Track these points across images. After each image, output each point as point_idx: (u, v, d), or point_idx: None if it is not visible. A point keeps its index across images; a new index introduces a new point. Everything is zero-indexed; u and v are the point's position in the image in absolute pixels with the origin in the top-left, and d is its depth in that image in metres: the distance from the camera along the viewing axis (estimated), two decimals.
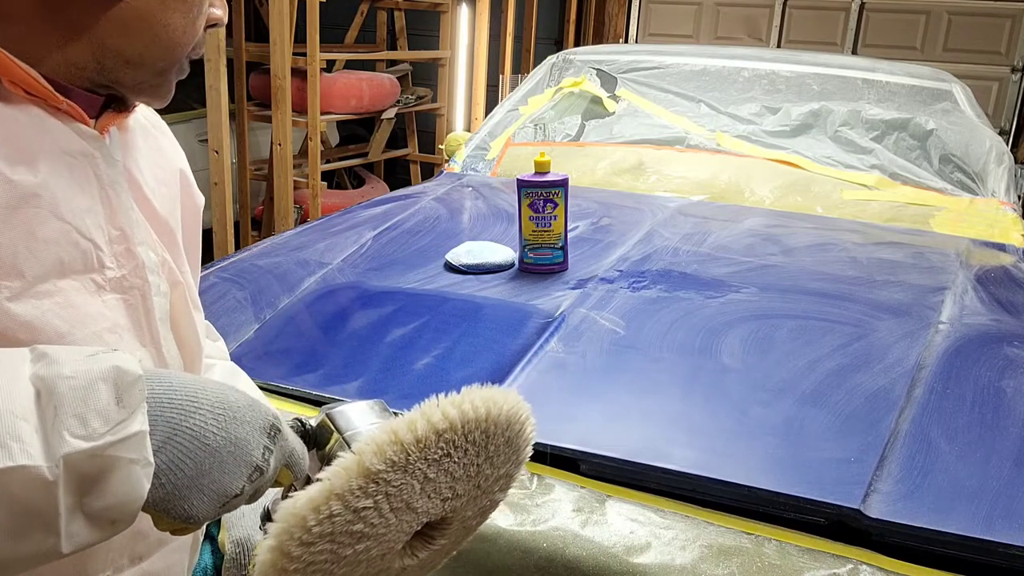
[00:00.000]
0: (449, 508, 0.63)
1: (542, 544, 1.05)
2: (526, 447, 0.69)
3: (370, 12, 4.91)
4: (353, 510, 0.56)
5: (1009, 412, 1.24)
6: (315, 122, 3.61)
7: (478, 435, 0.62)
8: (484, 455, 0.63)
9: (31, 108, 0.62)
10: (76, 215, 0.63)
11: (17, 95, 0.61)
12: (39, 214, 0.60)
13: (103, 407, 0.49)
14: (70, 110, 0.64)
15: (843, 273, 1.77)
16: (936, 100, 2.57)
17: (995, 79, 4.82)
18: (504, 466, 0.66)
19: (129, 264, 0.68)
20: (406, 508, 0.59)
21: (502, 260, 1.76)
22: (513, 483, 0.71)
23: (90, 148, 0.66)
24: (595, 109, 2.77)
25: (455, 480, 0.62)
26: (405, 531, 0.61)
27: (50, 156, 0.62)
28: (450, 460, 0.60)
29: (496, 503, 0.71)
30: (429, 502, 0.61)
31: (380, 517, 0.58)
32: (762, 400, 1.26)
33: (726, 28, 5.31)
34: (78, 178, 0.64)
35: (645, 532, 1.05)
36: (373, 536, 0.59)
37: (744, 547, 1.02)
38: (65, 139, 0.64)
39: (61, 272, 0.61)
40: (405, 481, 0.58)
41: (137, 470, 0.50)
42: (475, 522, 0.70)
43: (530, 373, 1.33)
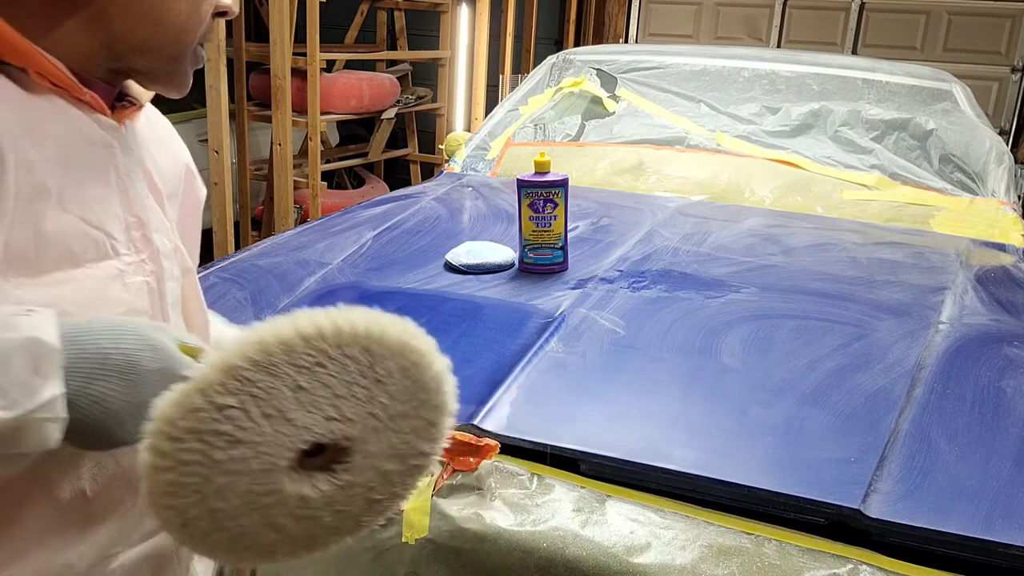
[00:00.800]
0: (340, 432, 0.61)
1: (542, 544, 1.05)
2: (436, 386, 0.66)
3: (370, 12, 4.91)
4: (216, 406, 0.56)
5: (1009, 412, 1.24)
6: (315, 122, 3.61)
7: (357, 352, 0.60)
8: (371, 377, 0.61)
9: (55, 99, 0.65)
10: (85, 206, 0.65)
11: (43, 86, 0.64)
12: (46, 208, 0.62)
13: (20, 378, 0.54)
14: (92, 101, 0.67)
15: (843, 273, 1.77)
16: (936, 100, 2.57)
17: (995, 79, 4.82)
18: (407, 401, 0.64)
19: (146, 250, 0.71)
20: (280, 417, 0.58)
21: (502, 260, 1.76)
22: (440, 436, 0.68)
23: (109, 138, 0.69)
24: (595, 109, 2.77)
25: (338, 398, 0.60)
26: (287, 446, 0.59)
27: (69, 146, 0.64)
28: (324, 372, 0.59)
29: (421, 455, 0.67)
30: (308, 416, 0.59)
31: (250, 421, 0.57)
32: (762, 400, 1.26)
33: (726, 28, 5.31)
34: (96, 168, 0.67)
35: (645, 532, 1.05)
36: (247, 443, 0.58)
37: (744, 547, 1.02)
38: (87, 129, 0.67)
39: (74, 262, 0.64)
40: (272, 384, 0.57)
41: (49, 425, 0.56)
42: (393, 470, 0.66)
43: (530, 373, 1.33)
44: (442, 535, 1.09)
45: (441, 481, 1.13)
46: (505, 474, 1.14)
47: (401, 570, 1.11)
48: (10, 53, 0.62)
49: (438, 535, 1.09)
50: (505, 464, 1.15)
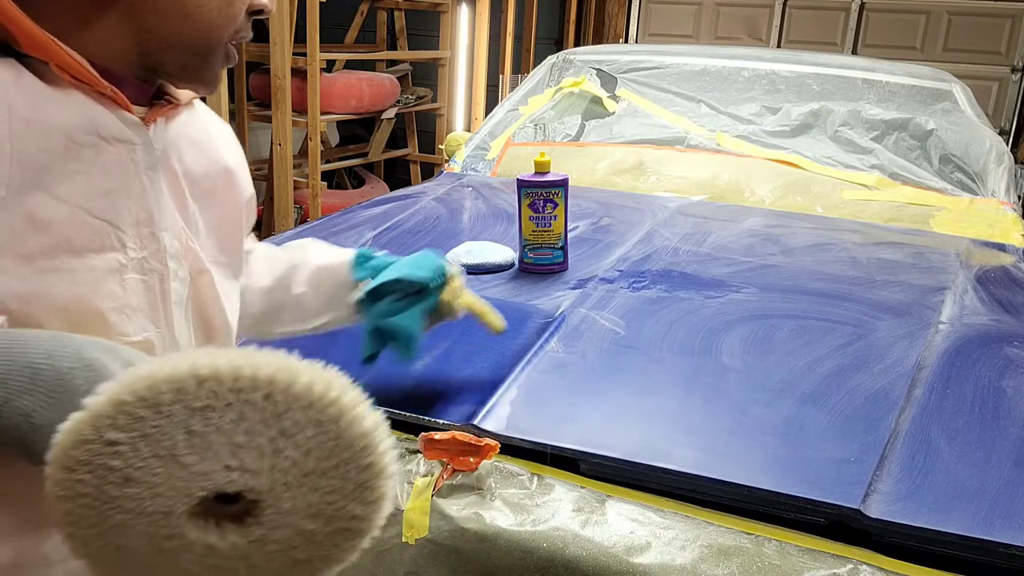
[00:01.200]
0: (244, 484, 0.57)
1: (542, 544, 1.05)
2: (362, 446, 0.59)
3: (370, 12, 4.91)
4: (105, 441, 0.54)
5: (1009, 412, 1.24)
6: (315, 122, 3.61)
7: (258, 398, 0.56)
8: (276, 428, 0.57)
9: (75, 93, 0.65)
10: (90, 198, 0.65)
11: (64, 79, 0.64)
12: (41, 197, 0.62)
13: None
14: (114, 96, 0.67)
15: (843, 273, 1.77)
16: (936, 100, 2.57)
17: (995, 79, 4.82)
18: (326, 459, 0.59)
19: (151, 247, 0.71)
20: (173, 460, 0.55)
21: (502, 260, 1.76)
22: (378, 500, 0.62)
23: (130, 134, 0.69)
24: (595, 109, 2.77)
25: (237, 447, 0.56)
26: (184, 491, 0.57)
27: (77, 139, 0.65)
28: (219, 417, 0.55)
29: (354, 519, 0.62)
30: (204, 463, 0.56)
31: (141, 460, 0.55)
32: (762, 400, 1.26)
33: (726, 28, 5.31)
34: (108, 162, 0.67)
35: (645, 532, 1.05)
36: (140, 482, 0.55)
37: (744, 547, 1.02)
38: (104, 124, 0.67)
39: (72, 250, 0.64)
40: (162, 424, 0.54)
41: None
42: (318, 530, 0.61)
43: (530, 373, 1.33)
44: (442, 535, 1.09)
45: (441, 481, 1.13)
46: (505, 474, 1.14)
47: (401, 570, 1.11)
48: (31, 46, 0.63)
49: (438, 535, 1.09)
50: (505, 464, 1.15)
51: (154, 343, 0.71)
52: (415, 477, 1.14)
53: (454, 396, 1.27)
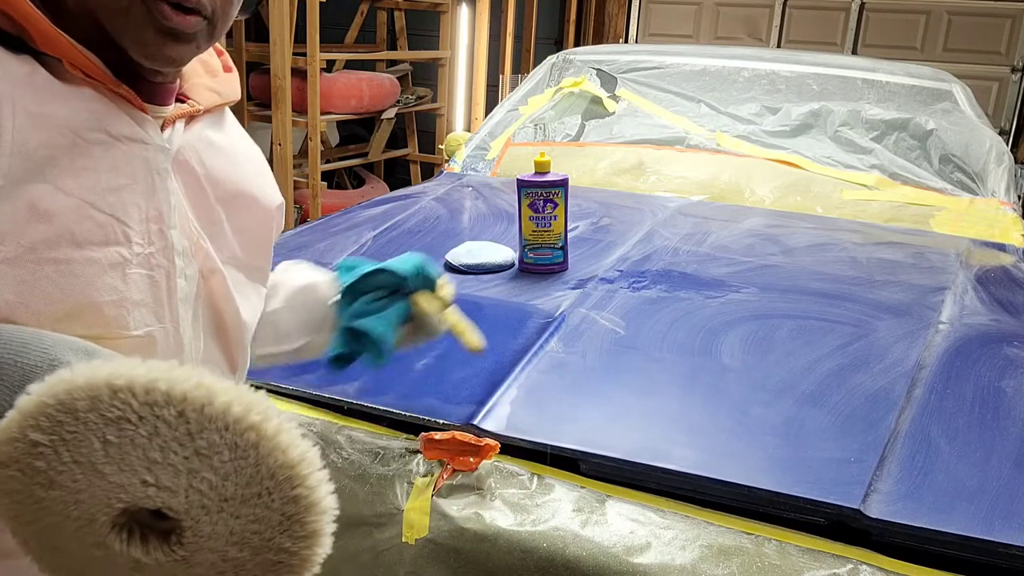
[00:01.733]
0: (161, 501, 0.56)
1: (542, 544, 1.05)
2: (286, 476, 0.57)
3: (370, 12, 4.91)
4: (30, 441, 0.54)
5: (1009, 412, 1.24)
6: (315, 122, 3.61)
7: (171, 415, 0.54)
8: (191, 448, 0.55)
9: (86, 90, 0.66)
10: (96, 193, 0.66)
11: (76, 76, 0.65)
12: (44, 188, 0.63)
13: None
14: (127, 95, 0.68)
15: (843, 273, 1.77)
16: (936, 100, 2.57)
17: (995, 79, 4.82)
18: (247, 486, 0.57)
19: (159, 243, 0.71)
20: (92, 468, 0.55)
21: (502, 260, 1.76)
22: (313, 535, 0.59)
23: (141, 133, 0.70)
24: (595, 109, 2.77)
25: (151, 463, 0.55)
26: (104, 501, 0.56)
27: (85, 135, 0.65)
28: (133, 430, 0.54)
29: (284, 552, 0.59)
30: (122, 475, 0.55)
31: (62, 464, 0.55)
32: (762, 400, 1.26)
33: (726, 28, 5.31)
34: (118, 159, 0.68)
35: (645, 532, 1.05)
36: (64, 487, 0.55)
37: (744, 547, 1.02)
38: (115, 122, 0.68)
39: (76, 243, 0.65)
40: (80, 431, 0.54)
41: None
42: (245, 559, 0.59)
43: (530, 373, 1.33)
44: (442, 535, 1.09)
45: (441, 481, 1.13)
46: (505, 474, 1.14)
47: (401, 570, 1.11)
48: (46, 44, 0.64)
49: (438, 535, 1.09)
50: (505, 464, 1.15)
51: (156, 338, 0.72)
52: (415, 477, 1.14)
53: (454, 396, 1.27)
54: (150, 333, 0.71)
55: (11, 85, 0.62)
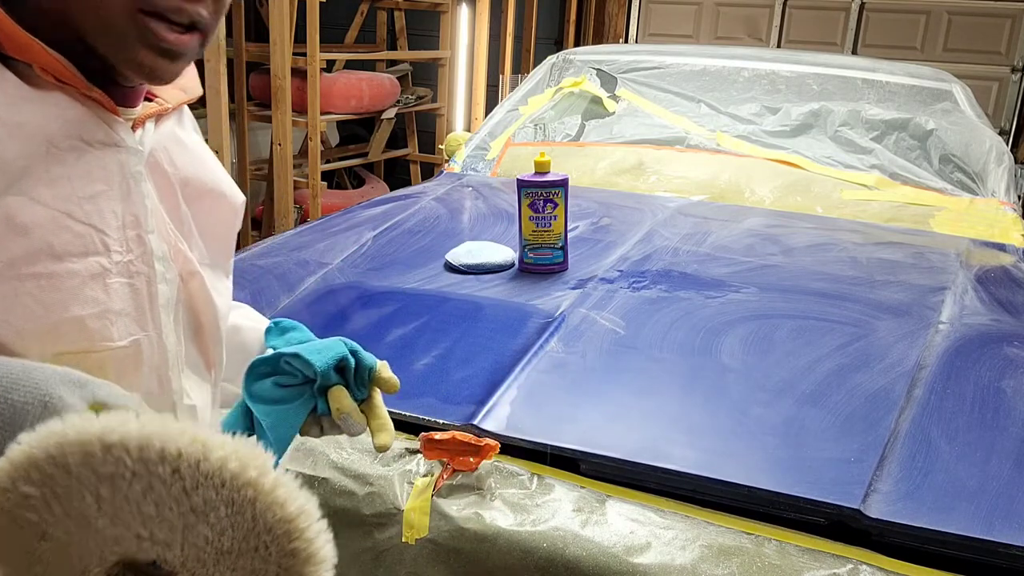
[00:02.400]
0: (157, 555, 0.56)
1: (542, 544, 1.05)
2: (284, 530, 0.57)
3: (370, 12, 4.91)
4: (20, 493, 0.54)
5: (1009, 412, 1.24)
6: (315, 122, 3.61)
7: (166, 472, 0.54)
8: (187, 504, 0.55)
9: (58, 95, 0.64)
10: (72, 202, 0.64)
11: (48, 82, 0.63)
12: (19, 201, 0.60)
13: None
14: (100, 99, 0.66)
15: (843, 273, 1.77)
16: (936, 100, 2.57)
17: (995, 79, 4.82)
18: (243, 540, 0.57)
19: (137, 250, 0.69)
20: (85, 522, 0.55)
21: (502, 260, 1.76)
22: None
23: (116, 137, 0.67)
24: (595, 109, 2.77)
25: (146, 517, 0.55)
26: (97, 555, 0.56)
27: (58, 142, 0.63)
28: (127, 486, 0.54)
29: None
30: (116, 529, 0.55)
31: (54, 517, 0.54)
32: (762, 400, 1.26)
33: (726, 28, 5.31)
34: (91, 165, 0.65)
35: (645, 532, 1.05)
36: (56, 539, 0.55)
37: (744, 547, 1.02)
38: (88, 127, 0.65)
39: (55, 255, 0.62)
40: (72, 485, 0.54)
41: None
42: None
43: (530, 373, 1.33)
44: (442, 535, 1.09)
45: (441, 481, 1.13)
46: (505, 474, 1.14)
47: (401, 570, 1.11)
48: (14, 48, 0.61)
49: (438, 535, 1.09)
50: (505, 464, 1.15)
51: (141, 346, 0.70)
52: (415, 477, 1.14)
53: (454, 396, 1.27)
54: (135, 342, 0.70)
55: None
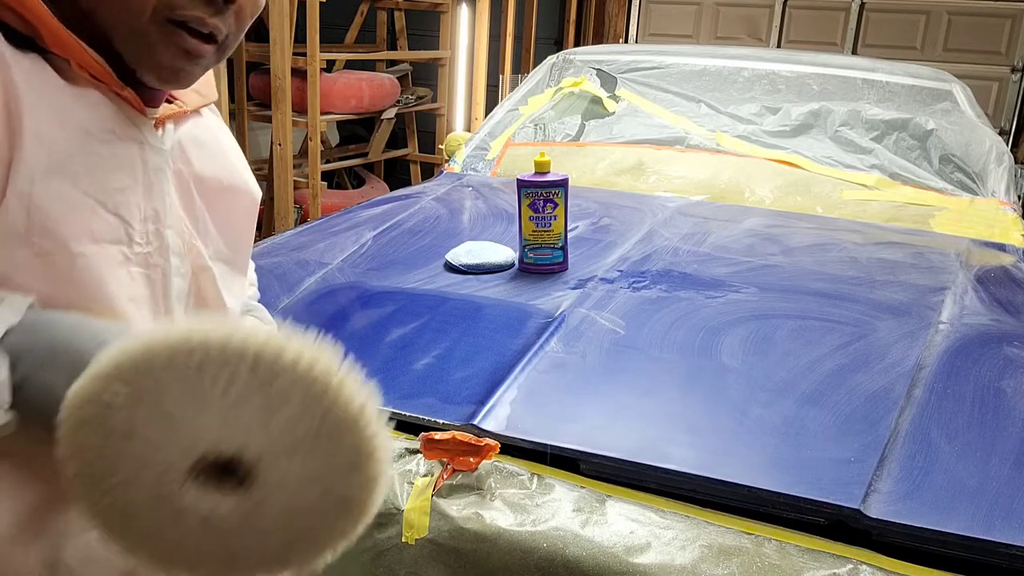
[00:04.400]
0: (236, 447, 0.59)
1: (542, 544, 1.05)
2: (351, 423, 0.60)
3: (370, 12, 4.91)
4: (105, 401, 0.57)
5: (1009, 412, 1.24)
6: (315, 122, 3.61)
7: (245, 367, 0.58)
8: (264, 397, 0.59)
9: (92, 91, 0.68)
10: (105, 192, 0.68)
11: (83, 78, 0.67)
12: (65, 185, 0.65)
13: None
14: (130, 98, 0.70)
15: (843, 273, 1.77)
16: (936, 100, 2.57)
17: (995, 79, 4.82)
18: (314, 433, 0.60)
19: (156, 243, 0.73)
20: (170, 420, 0.58)
21: (502, 260, 1.76)
22: (374, 482, 0.63)
23: (140, 134, 0.71)
24: (595, 109, 2.77)
25: (228, 411, 0.58)
26: (180, 452, 0.59)
27: (95, 135, 0.67)
28: (211, 381, 0.58)
29: (345, 495, 0.62)
30: (199, 425, 0.58)
31: (140, 418, 0.58)
32: (762, 400, 1.26)
33: (726, 28, 5.31)
34: (121, 159, 0.69)
35: (645, 532, 1.05)
36: (142, 439, 0.58)
37: (744, 547, 1.02)
38: (118, 123, 0.69)
39: (94, 239, 0.67)
40: (158, 383, 0.57)
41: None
42: (312, 507, 0.62)
43: (530, 373, 1.33)
44: (442, 535, 1.09)
45: (441, 481, 1.13)
46: (505, 474, 1.14)
47: (401, 570, 1.11)
48: (55, 43, 0.65)
49: (438, 535, 1.09)
50: (505, 464, 1.15)
51: None
52: (415, 477, 1.14)
53: (454, 396, 1.27)
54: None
55: (31, 84, 0.63)
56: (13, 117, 0.62)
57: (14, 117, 0.62)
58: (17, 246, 0.62)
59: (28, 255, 0.63)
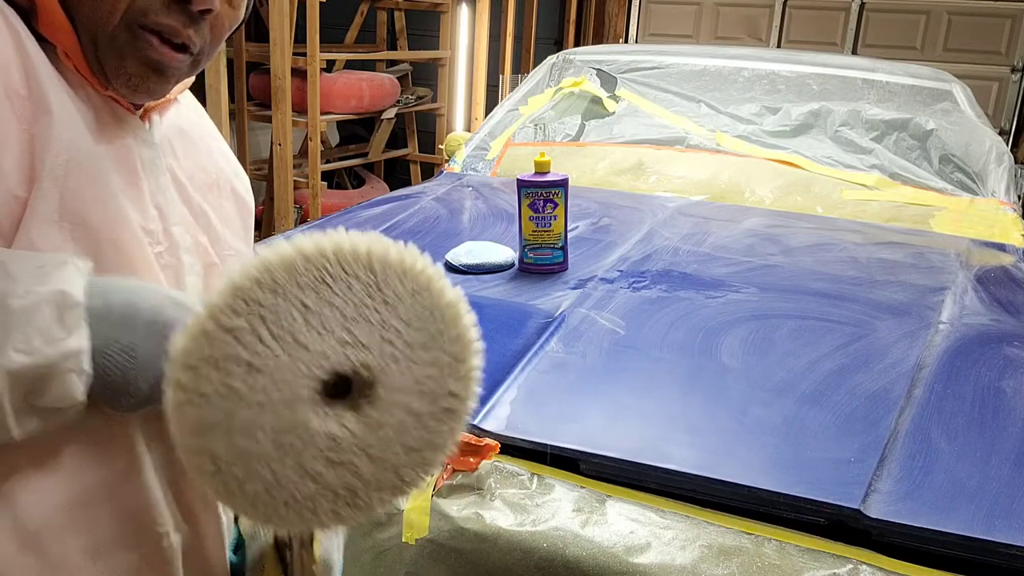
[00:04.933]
0: (357, 360, 0.59)
1: (542, 544, 1.05)
2: (452, 315, 0.62)
3: (370, 12, 4.91)
4: (226, 329, 0.56)
5: (1009, 412, 1.24)
6: (315, 122, 3.61)
7: (361, 270, 0.59)
8: (379, 298, 0.59)
9: (83, 88, 0.66)
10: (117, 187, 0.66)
11: (70, 70, 0.65)
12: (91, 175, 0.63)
13: (45, 327, 0.55)
14: (115, 96, 0.68)
15: (843, 273, 1.77)
16: (936, 100, 2.57)
17: (995, 79, 4.82)
18: (423, 329, 0.61)
19: (165, 242, 0.71)
20: (292, 340, 0.57)
21: (502, 260, 1.76)
22: (469, 375, 0.64)
23: (131, 130, 0.69)
24: (595, 109, 2.77)
25: (348, 319, 0.58)
26: (305, 373, 0.58)
27: (96, 135, 0.65)
28: (329, 291, 0.58)
29: (452, 396, 0.64)
30: (321, 340, 0.58)
31: (262, 344, 0.56)
32: (762, 400, 1.26)
33: (726, 28, 5.31)
34: (119, 157, 0.67)
35: (645, 532, 1.05)
36: (263, 369, 0.57)
37: (744, 547, 1.02)
38: (109, 120, 0.67)
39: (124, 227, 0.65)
40: (278, 304, 0.56)
41: (73, 377, 0.57)
42: (424, 411, 0.63)
43: (530, 373, 1.33)
44: (442, 535, 1.09)
45: (441, 481, 1.13)
46: (505, 474, 1.14)
47: (401, 570, 1.11)
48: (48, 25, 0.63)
49: (438, 535, 1.09)
50: (505, 464, 1.15)
51: None
52: None
53: None
54: None
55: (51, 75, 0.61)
56: (36, 96, 0.60)
57: (37, 96, 0.60)
58: (52, 229, 0.61)
59: (63, 239, 0.61)
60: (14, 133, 0.59)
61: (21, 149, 0.59)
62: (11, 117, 0.59)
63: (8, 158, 0.58)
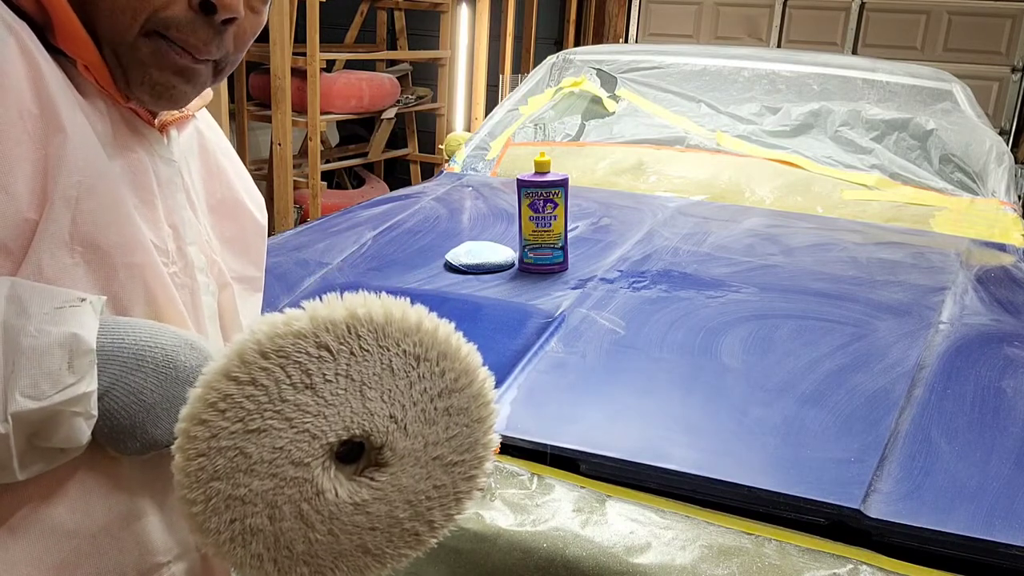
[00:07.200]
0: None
1: (542, 544, 1.05)
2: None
3: (370, 12, 4.91)
4: (318, 343, 0.57)
5: (1009, 412, 1.24)
6: (315, 122, 3.61)
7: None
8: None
9: (99, 100, 0.64)
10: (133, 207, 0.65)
11: (89, 83, 0.63)
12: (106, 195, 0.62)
13: (54, 371, 0.55)
14: (137, 108, 0.66)
15: (843, 273, 1.77)
16: (936, 100, 2.57)
17: (995, 79, 4.82)
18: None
19: (180, 262, 0.70)
20: (358, 388, 0.59)
21: (502, 260, 1.76)
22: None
23: (149, 145, 0.68)
24: (595, 109, 2.77)
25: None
26: (344, 423, 0.59)
27: (109, 147, 0.64)
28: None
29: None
30: (380, 403, 0.59)
31: (334, 374, 0.58)
32: (762, 400, 1.26)
33: (726, 28, 5.31)
34: (136, 173, 0.66)
35: (645, 532, 1.05)
36: (321, 393, 0.58)
37: (744, 547, 1.02)
38: (127, 134, 0.66)
39: (140, 250, 0.64)
40: (370, 351, 0.58)
41: (80, 421, 0.56)
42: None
43: (530, 373, 1.32)
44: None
45: None
46: (505, 474, 1.14)
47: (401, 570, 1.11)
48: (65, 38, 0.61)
49: None
50: (505, 464, 1.15)
51: None
52: None
53: None
54: None
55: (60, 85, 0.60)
56: (49, 115, 0.58)
57: (50, 115, 0.58)
58: (63, 252, 0.59)
59: (74, 262, 0.59)
60: (26, 153, 0.57)
61: (34, 170, 0.57)
62: (23, 137, 0.57)
63: (20, 179, 0.57)
